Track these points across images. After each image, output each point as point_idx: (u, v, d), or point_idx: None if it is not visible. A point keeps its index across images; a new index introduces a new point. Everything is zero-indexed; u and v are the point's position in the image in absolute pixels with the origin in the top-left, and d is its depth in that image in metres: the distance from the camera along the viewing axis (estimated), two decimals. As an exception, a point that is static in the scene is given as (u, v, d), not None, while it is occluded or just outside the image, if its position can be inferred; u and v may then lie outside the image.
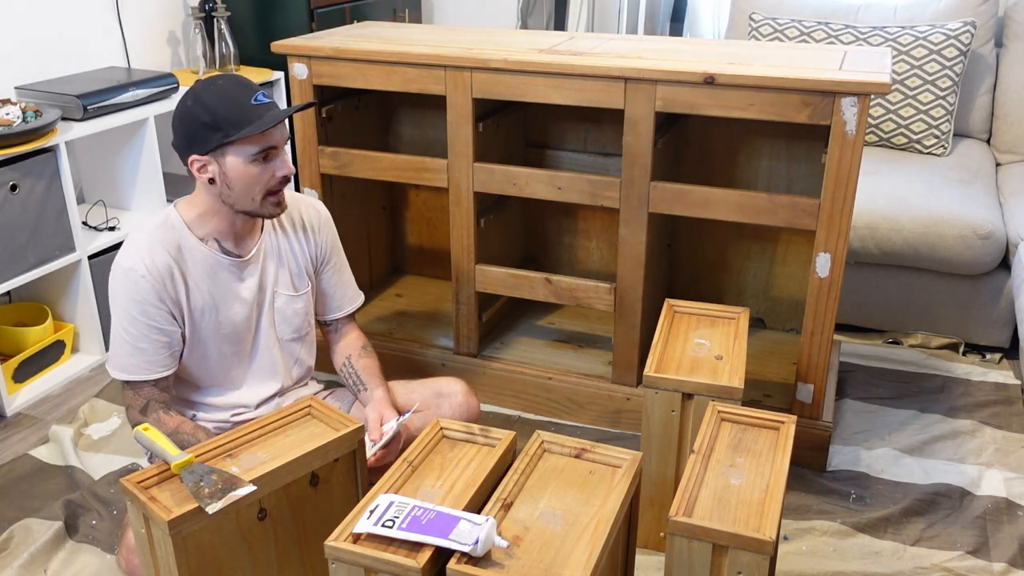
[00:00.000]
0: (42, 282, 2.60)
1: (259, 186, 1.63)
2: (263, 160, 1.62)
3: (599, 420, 2.31)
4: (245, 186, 1.62)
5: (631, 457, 1.41)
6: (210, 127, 1.58)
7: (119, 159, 2.78)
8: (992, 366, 2.57)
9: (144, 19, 3.13)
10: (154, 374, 1.67)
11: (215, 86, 1.60)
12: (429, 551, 1.19)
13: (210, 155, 1.61)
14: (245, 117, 1.58)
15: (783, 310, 2.50)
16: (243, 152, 1.60)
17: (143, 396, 1.67)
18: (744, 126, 2.31)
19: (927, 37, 2.93)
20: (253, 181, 1.62)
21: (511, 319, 2.60)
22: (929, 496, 2.03)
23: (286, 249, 1.81)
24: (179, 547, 1.29)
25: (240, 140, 1.58)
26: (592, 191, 2.12)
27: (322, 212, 1.89)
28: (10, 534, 1.90)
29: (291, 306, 1.82)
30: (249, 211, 1.67)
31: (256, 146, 1.60)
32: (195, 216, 1.70)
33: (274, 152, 1.63)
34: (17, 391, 2.45)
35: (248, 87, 1.62)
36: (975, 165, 2.90)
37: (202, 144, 1.60)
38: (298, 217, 1.84)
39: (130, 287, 1.63)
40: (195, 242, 1.69)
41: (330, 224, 1.90)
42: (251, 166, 1.61)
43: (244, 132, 1.57)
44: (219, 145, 1.59)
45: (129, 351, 1.65)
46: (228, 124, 1.57)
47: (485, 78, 2.10)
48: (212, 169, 1.62)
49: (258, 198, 1.65)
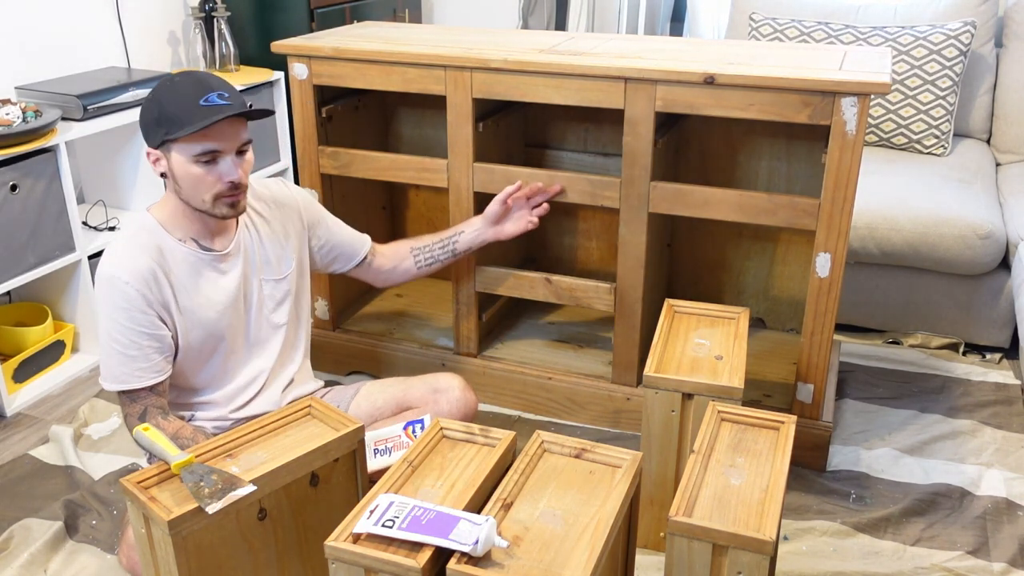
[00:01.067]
0: (42, 282, 2.60)
1: (205, 187, 1.62)
2: (207, 162, 1.60)
3: (599, 420, 2.31)
4: (191, 185, 1.62)
5: (631, 457, 1.41)
6: (156, 122, 1.59)
7: (119, 159, 2.78)
8: (992, 366, 2.57)
9: (144, 19, 3.13)
10: (148, 380, 1.65)
11: (172, 83, 1.61)
12: (429, 551, 1.19)
13: (159, 150, 1.62)
14: (188, 117, 1.56)
15: (783, 310, 2.50)
16: (186, 151, 1.59)
17: (140, 403, 1.66)
18: (744, 126, 2.31)
19: (927, 37, 2.93)
20: (197, 182, 1.62)
21: (511, 319, 2.60)
22: (929, 496, 2.03)
23: (266, 234, 1.81)
24: (179, 547, 1.29)
25: (182, 139, 1.58)
26: (592, 191, 2.12)
27: (290, 186, 1.91)
28: (10, 534, 1.90)
29: (279, 289, 1.83)
30: (203, 211, 1.66)
31: (198, 146, 1.58)
32: (168, 217, 1.70)
33: (219, 155, 1.61)
34: (17, 391, 2.45)
35: (204, 87, 1.59)
36: (975, 165, 2.90)
37: (152, 137, 1.62)
38: (269, 198, 1.85)
39: (115, 295, 1.62)
40: (174, 243, 1.69)
41: (302, 193, 1.92)
42: (195, 166, 1.60)
43: (179, 132, 1.56)
44: (163, 142, 1.60)
45: (120, 360, 1.64)
46: (170, 122, 1.57)
47: (485, 78, 2.10)
48: (162, 164, 1.64)
49: (208, 199, 1.64)
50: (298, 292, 1.88)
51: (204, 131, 1.57)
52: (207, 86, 1.60)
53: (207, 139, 1.58)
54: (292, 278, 1.86)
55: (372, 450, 1.51)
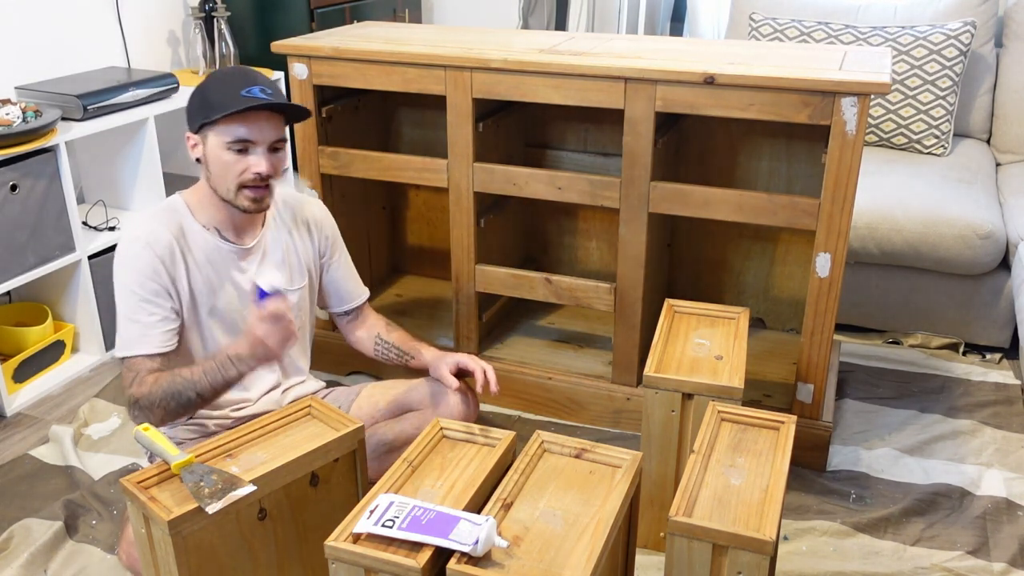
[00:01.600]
0: (42, 282, 2.60)
1: (232, 175, 1.66)
2: (239, 151, 1.65)
3: (599, 420, 2.31)
4: (220, 171, 1.67)
5: (631, 457, 1.41)
6: (198, 107, 1.66)
7: (119, 159, 2.78)
8: (992, 366, 2.57)
9: (144, 19, 3.13)
10: (150, 348, 1.66)
11: (221, 73, 1.69)
12: (429, 551, 1.19)
13: (199, 134, 1.68)
14: (227, 103, 1.61)
15: (783, 310, 2.50)
16: (221, 137, 1.64)
17: (134, 371, 1.65)
18: (744, 126, 2.31)
19: (927, 37, 2.93)
20: (226, 169, 1.66)
21: (511, 319, 2.60)
22: (929, 496, 2.03)
23: (287, 244, 1.84)
24: (179, 547, 1.29)
25: (219, 123, 1.63)
26: (592, 191, 2.12)
27: (322, 208, 1.94)
28: (10, 534, 1.90)
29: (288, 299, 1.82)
30: (227, 200, 1.70)
31: (232, 133, 1.64)
32: (196, 202, 1.74)
33: (251, 146, 1.65)
34: (17, 391, 2.45)
35: (248, 79, 1.65)
36: (975, 165, 2.90)
37: (193, 122, 1.68)
38: (300, 215, 1.88)
39: (130, 259, 1.66)
40: (198, 227, 1.73)
41: (331, 221, 1.95)
42: (226, 153, 1.65)
43: (215, 115, 1.62)
44: (202, 125, 1.65)
45: (126, 324, 1.66)
46: (210, 107, 1.63)
47: (485, 78, 2.10)
48: (199, 149, 1.69)
49: (232, 187, 1.67)
50: (307, 306, 1.90)
51: (240, 120, 1.62)
52: (251, 79, 1.66)
53: (242, 128, 1.63)
54: (303, 293, 1.87)
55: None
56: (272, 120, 1.66)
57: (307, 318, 1.91)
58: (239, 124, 1.63)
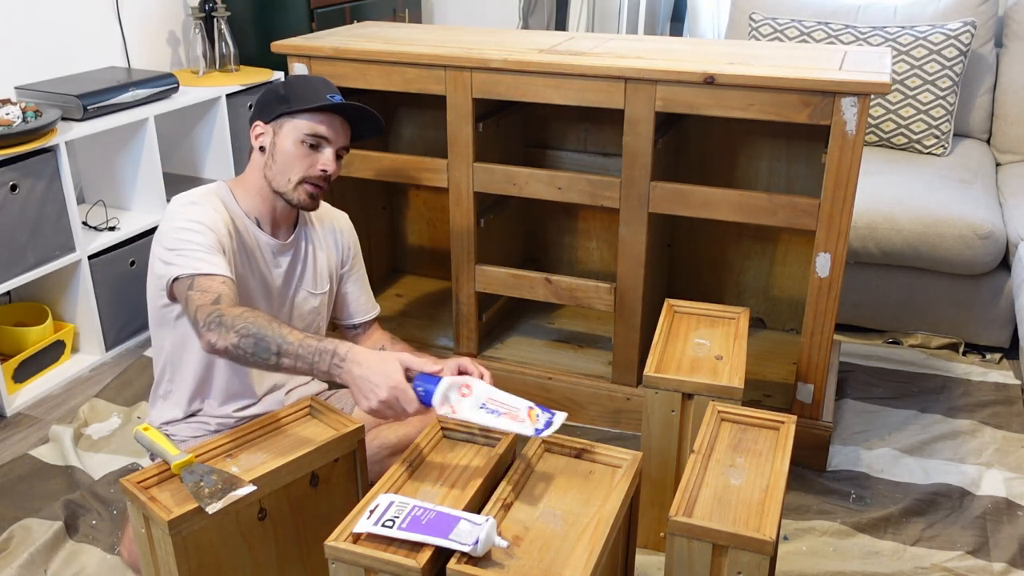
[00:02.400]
0: (42, 282, 2.60)
1: (298, 168, 1.70)
2: (311, 147, 1.70)
3: (599, 420, 2.31)
4: (286, 163, 1.70)
5: (631, 457, 1.41)
6: (280, 99, 1.71)
7: (119, 159, 2.78)
8: (992, 366, 2.57)
9: (144, 19, 3.13)
10: (225, 272, 1.57)
11: (306, 77, 1.76)
12: (429, 551, 1.19)
13: (271, 124, 1.72)
14: (316, 101, 1.69)
15: (783, 310, 2.50)
16: (297, 130, 1.69)
17: (214, 291, 1.54)
18: (744, 126, 2.31)
19: (927, 37, 2.93)
20: (294, 160, 1.70)
21: (511, 319, 2.60)
22: (929, 496, 2.03)
23: (318, 247, 1.87)
24: (179, 547, 1.29)
25: (298, 115, 1.69)
26: (592, 191, 2.12)
27: (347, 219, 1.98)
28: (10, 534, 1.90)
29: (308, 303, 1.86)
30: (282, 192, 1.72)
31: (310, 129, 1.69)
32: (241, 191, 1.76)
33: (325, 143, 1.71)
34: (17, 391, 2.45)
35: (332, 88, 1.73)
36: (975, 165, 2.90)
37: (268, 112, 1.72)
38: (328, 222, 1.92)
39: (197, 212, 1.63)
40: (241, 214, 1.75)
41: (353, 230, 1.98)
42: (298, 146, 1.70)
43: (301, 106, 1.68)
44: (281, 115, 1.70)
45: (200, 252, 1.57)
46: (297, 99, 1.69)
47: (485, 78, 2.10)
48: (266, 138, 1.72)
49: (294, 180, 1.71)
50: (325, 311, 1.92)
51: (322, 118, 1.69)
52: (334, 88, 1.74)
53: (322, 125, 1.70)
54: (324, 299, 1.89)
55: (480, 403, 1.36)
56: (346, 128, 1.74)
57: (323, 323, 1.92)
58: (320, 121, 1.69)
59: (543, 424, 1.36)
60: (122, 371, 2.56)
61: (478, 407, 1.36)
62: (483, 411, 1.36)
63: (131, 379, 2.51)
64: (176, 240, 1.60)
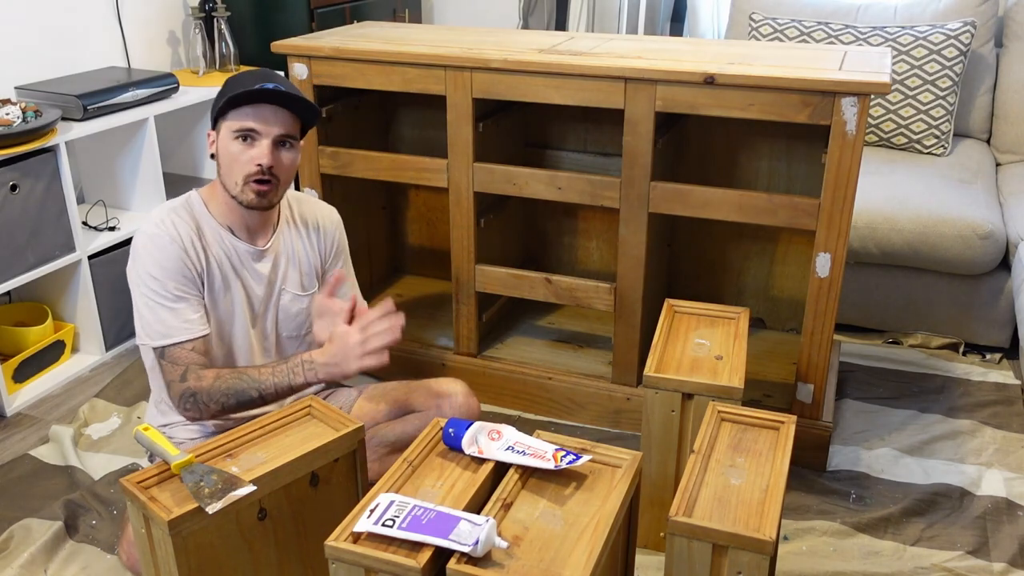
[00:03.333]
0: (42, 282, 2.60)
1: (237, 168, 1.67)
2: (245, 141, 1.66)
3: (599, 420, 2.31)
4: (228, 165, 1.68)
5: (631, 457, 1.41)
6: (217, 105, 1.68)
7: (119, 159, 2.78)
8: (992, 366, 2.57)
9: (144, 19, 3.13)
10: (193, 333, 1.67)
11: (244, 72, 1.71)
12: (429, 551, 1.19)
13: (215, 130, 1.70)
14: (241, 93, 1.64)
15: (783, 310, 2.50)
16: (229, 127, 1.67)
17: (181, 363, 1.65)
18: (744, 126, 2.31)
19: (927, 37, 2.93)
20: (233, 159, 1.67)
21: (511, 319, 2.60)
22: (929, 496, 2.03)
23: (299, 248, 1.85)
24: (179, 547, 1.29)
25: (229, 114, 1.66)
26: (592, 191, 2.12)
27: (335, 217, 1.95)
28: (10, 534, 1.90)
29: (296, 305, 1.85)
30: (234, 196, 1.70)
31: (238, 123, 1.65)
32: (212, 201, 1.76)
33: (256, 136, 1.66)
34: (17, 391, 2.45)
35: (266, 78, 1.68)
36: (975, 165, 2.90)
37: (213, 120, 1.70)
38: (312, 218, 1.89)
39: (158, 251, 1.66)
40: (214, 224, 1.74)
41: (341, 229, 1.95)
42: (234, 143, 1.67)
43: (221, 101, 1.65)
44: (216, 117, 1.68)
45: (166, 315, 1.65)
46: (227, 102, 1.65)
47: (485, 78, 2.10)
48: (214, 144, 1.71)
49: (239, 181, 1.68)
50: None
51: (247, 111, 1.65)
52: (268, 77, 1.69)
53: (248, 117, 1.65)
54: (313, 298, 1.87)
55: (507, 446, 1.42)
56: (280, 114, 1.67)
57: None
58: (245, 115, 1.65)
59: (566, 464, 1.37)
60: (122, 371, 2.56)
61: (504, 449, 1.39)
62: (509, 451, 1.40)
63: (131, 379, 2.51)
64: (141, 298, 1.67)
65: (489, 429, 1.44)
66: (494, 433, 1.43)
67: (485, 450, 1.40)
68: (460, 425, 1.43)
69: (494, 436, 1.43)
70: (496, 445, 1.41)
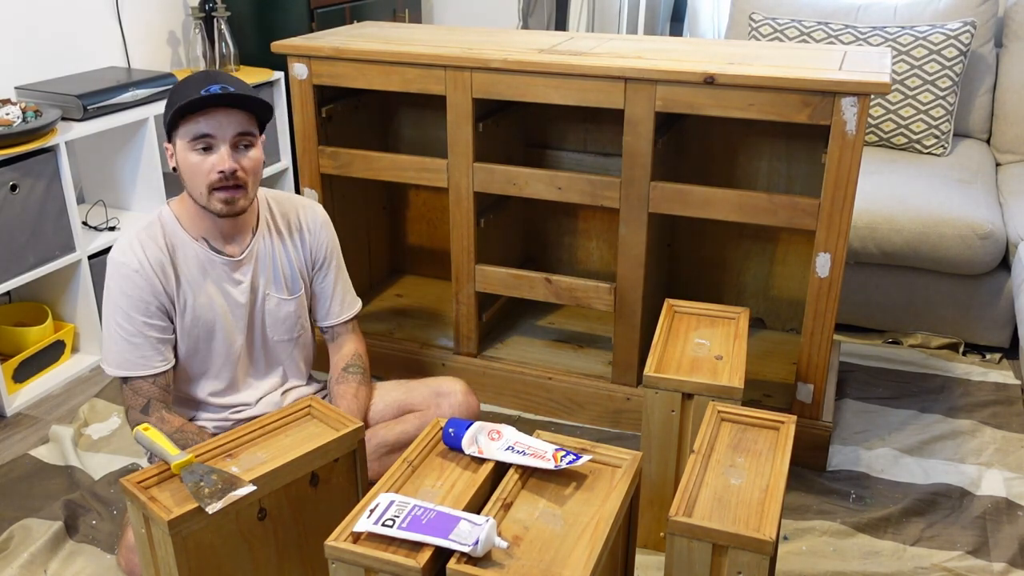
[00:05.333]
0: (42, 282, 2.60)
1: (200, 177, 1.63)
2: (203, 149, 1.61)
3: (599, 420, 2.31)
4: (189, 175, 1.64)
5: (631, 457, 1.41)
6: (165, 113, 1.62)
7: (119, 159, 2.78)
8: (992, 366, 2.57)
9: (144, 19, 3.13)
10: (151, 369, 1.66)
11: (186, 78, 1.64)
12: (429, 551, 1.19)
13: (170, 143, 1.65)
14: (180, 102, 1.58)
15: (783, 310, 2.50)
16: (184, 138, 1.61)
17: (143, 395, 1.66)
18: (744, 126, 2.31)
19: (927, 37, 2.93)
20: (194, 171, 1.63)
21: (511, 319, 2.60)
22: (929, 496, 2.03)
23: (280, 252, 1.81)
24: (179, 547, 1.29)
25: (181, 125, 1.60)
26: (592, 191, 2.12)
27: (320, 215, 1.87)
28: (10, 534, 1.90)
29: (283, 308, 1.82)
30: (203, 206, 1.66)
31: (192, 131, 1.59)
32: (184, 213, 1.72)
33: (212, 141, 1.60)
34: (17, 391, 2.45)
35: (210, 80, 1.60)
36: (975, 165, 2.90)
37: (167, 133, 1.65)
38: (295, 220, 1.84)
39: (122, 281, 1.64)
40: (188, 239, 1.71)
41: (328, 227, 1.88)
42: (191, 153, 1.62)
43: (170, 111, 1.59)
44: (169, 130, 1.63)
45: (124, 347, 1.65)
46: (171, 108, 1.60)
47: (485, 78, 2.10)
48: (173, 157, 1.66)
49: (204, 191, 1.64)
50: (305, 313, 1.88)
51: (198, 116, 1.58)
52: (212, 78, 1.61)
53: (201, 124, 1.59)
54: (300, 300, 1.85)
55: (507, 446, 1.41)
56: (232, 115, 1.60)
57: (305, 323, 1.89)
58: (196, 122, 1.58)
59: (566, 464, 1.37)
60: (122, 371, 2.56)
61: (504, 448, 1.40)
62: (509, 451, 1.40)
63: (131, 379, 2.51)
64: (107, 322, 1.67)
65: (489, 429, 1.44)
66: (494, 433, 1.43)
67: (485, 450, 1.41)
68: (460, 425, 1.43)
69: (494, 436, 1.43)
70: (496, 445, 1.41)
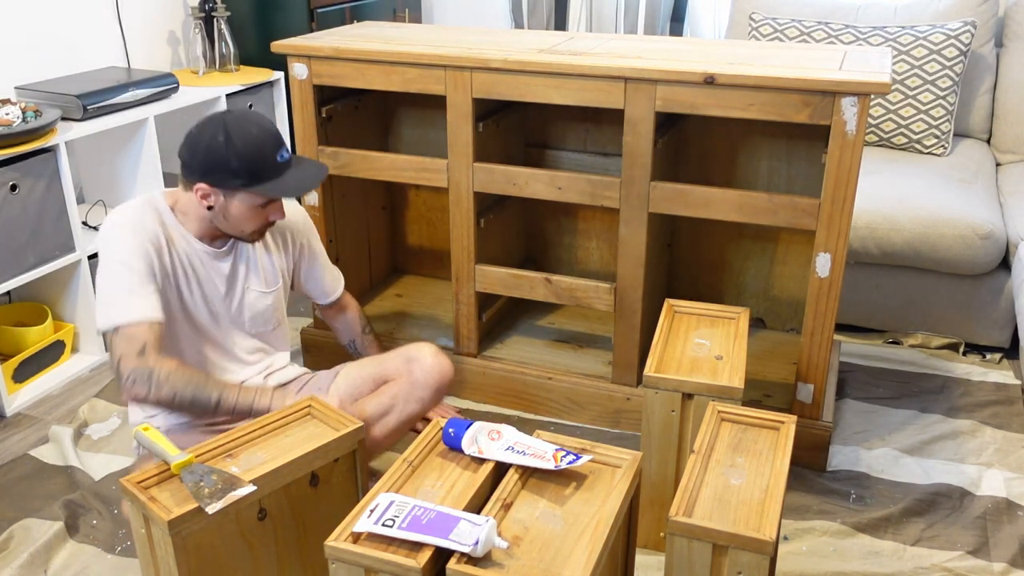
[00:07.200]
0: (42, 282, 2.60)
1: (252, 224, 1.76)
2: (263, 205, 1.74)
3: (599, 420, 2.31)
4: (240, 221, 1.75)
5: (631, 457, 1.41)
6: (233, 173, 1.68)
7: (119, 159, 2.78)
8: (992, 366, 2.57)
9: (144, 19, 3.13)
10: (149, 316, 1.67)
11: (249, 135, 1.68)
12: (429, 551, 1.19)
13: (220, 189, 1.71)
14: (267, 173, 1.69)
15: (783, 310, 2.50)
16: (251, 200, 1.72)
17: (139, 339, 1.64)
18: (744, 126, 2.31)
19: (927, 37, 2.93)
20: (248, 220, 1.75)
21: (511, 319, 2.60)
22: (929, 496, 2.03)
23: (260, 252, 1.89)
24: (179, 547, 1.29)
25: (250, 187, 1.70)
26: (592, 191, 2.12)
27: (299, 213, 2.00)
28: (10, 534, 1.90)
29: (261, 301, 1.90)
30: (234, 235, 1.79)
31: (264, 199, 1.73)
32: (178, 209, 1.79)
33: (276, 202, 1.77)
34: (17, 391, 2.45)
35: (277, 141, 1.72)
36: (975, 165, 2.90)
37: (218, 181, 1.69)
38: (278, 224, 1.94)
39: (123, 237, 1.68)
40: (176, 226, 1.78)
41: (307, 223, 2.02)
42: (251, 208, 1.73)
43: (264, 190, 1.69)
44: (220, 182, 1.69)
45: (124, 298, 1.66)
46: (250, 176, 1.68)
47: (485, 78, 2.10)
48: (215, 200, 1.72)
49: (247, 231, 1.77)
50: (282, 304, 1.96)
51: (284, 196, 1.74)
52: (278, 140, 1.72)
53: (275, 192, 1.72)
54: (278, 293, 1.94)
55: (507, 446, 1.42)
56: None
57: (282, 316, 1.97)
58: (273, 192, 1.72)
59: (566, 464, 1.37)
60: (122, 371, 2.56)
61: (504, 449, 1.40)
62: (509, 451, 1.41)
63: (131, 379, 2.51)
64: (103, 284, 1.69)
65: (489, 429, 1.44)
66: (494, 433, 1.43)
67: (485, 450, 1.41)
68: (460, 425, 1.44)
69: (494, 436, 1.43)
70: (496, 445, 1.41)
